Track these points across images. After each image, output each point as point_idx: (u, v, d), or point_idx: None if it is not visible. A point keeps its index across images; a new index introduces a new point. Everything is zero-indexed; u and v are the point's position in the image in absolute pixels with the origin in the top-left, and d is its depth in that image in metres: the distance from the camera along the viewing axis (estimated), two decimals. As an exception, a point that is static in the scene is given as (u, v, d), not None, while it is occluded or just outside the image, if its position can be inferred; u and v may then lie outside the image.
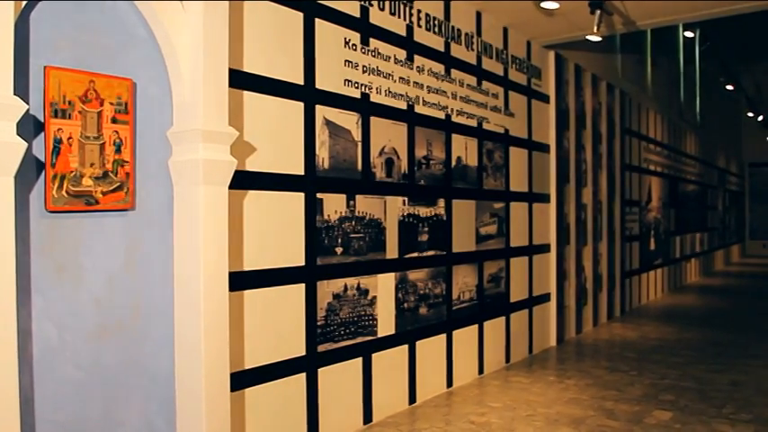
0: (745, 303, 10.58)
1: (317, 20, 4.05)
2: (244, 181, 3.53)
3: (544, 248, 6.94)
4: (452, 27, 5.41)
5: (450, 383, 5.35)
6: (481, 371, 5.80)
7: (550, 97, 7.07)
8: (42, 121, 2.59)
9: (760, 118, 18.17)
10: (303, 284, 3.93)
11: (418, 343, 4.96)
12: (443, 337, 5.27)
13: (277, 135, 3.78)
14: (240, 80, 3.51)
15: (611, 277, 8.71)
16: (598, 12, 5.47)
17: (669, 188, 12.10)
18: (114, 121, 2.81)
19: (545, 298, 6.97)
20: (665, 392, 5.19)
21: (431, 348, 5.11)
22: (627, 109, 9.55)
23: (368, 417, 4.44)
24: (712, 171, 16.38)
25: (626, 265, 9.42)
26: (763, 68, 21.23)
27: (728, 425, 4.39)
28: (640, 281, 10.25)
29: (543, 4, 5.45)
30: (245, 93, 3.57)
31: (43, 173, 2.59)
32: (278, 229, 3.77)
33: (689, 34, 12.93)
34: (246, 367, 3.56)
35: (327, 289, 4.11)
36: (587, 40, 6.82)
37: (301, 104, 3.93)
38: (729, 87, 15.57)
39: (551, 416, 4.61)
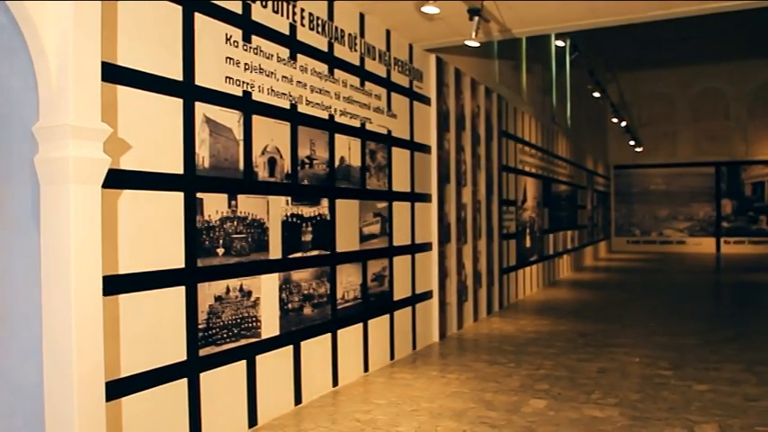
0: (611, 295, 11.31)
1: (196, 14, 3.94)
2: (118, 180, 3.37)
3: (426, 247, 7.10)
4: (336, 27, 5.43)
5: (335, 383, 5.36)
6: (366, 369, 5.85)
7: (431, 99, 7.25)
8: None
9: (623, 123, 19.46)
10: (183, 287, 3.81)
11: (303, 343, 4.93)
12: (328, 336, 5.28)
13: (154, 132, 3.64)
14: (114, 74, 3.36)
15: (489, 274, 9.05)
16: (476, 18, 5.66)
17: (543, 188, 12.72)
18: (-29, 114, 2.61)
19: (427, 295, 7.14)
20: (540, 382, 5.46)
21: (316, 348, 5.10)
22: (504, 112, 9.95)
23: (252, 420, 4.37)
24: (582, 172, 17.38)
25: (503, 262, 9.82)
26: (627, 78, 22.83)
27: (597, 409, 4.68)
28: (517, 277, 10.72)
29: (424, 9, 5.58)
30: (120, 87, 3.41)
31: None
32: (156, 230, 3.64)
33: (560, 43, 13.65)
34: (123, 375, 3.41)
35: (209, 291, 4.00)
36: (466, 45, 7.04)
37: (180, 101, 3.81)
38: (596, 94, 16.57)
39: (434, 410, 4.73)
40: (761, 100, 21.96)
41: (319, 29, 5.21)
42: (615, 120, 19.43)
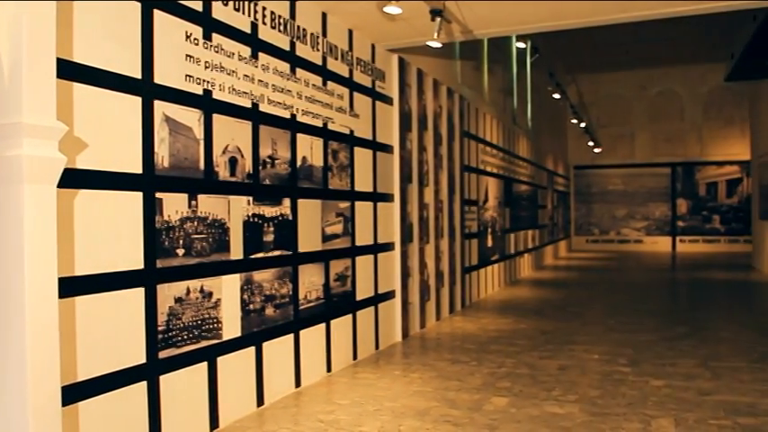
0: (571, 294, 11.49)
1: (156, 11, 3.88)
2: (74, 179, 3.30)
3: (388, 247, 7.12)
4: (298, 26, 5.40)
5: (298, 383, 5.34)
6: (329, 369, 5.84)
7: (394, 100, 7.26)
8: None
9: (583, 125, 19.78)
10: (142, 288, 3.75)
11: (265, 344, 4.90)
12: (291, 337, 5.25)
13: (112, 131, 3.57)
14: (70, 71, 3.28)
15: (452, 273, 9.11)
16: (438, 19, 5.70)
17: (504, 188, 12.85)
18: None
19: (390, 295, 7.15)
20: (502, 380, 5.51)
21: (278, 349, 5.07)
22: (465, 113, 10.02)
23: (214, 423, 4.32)
24: (542, 173, 17.61)
25: (465, 261, 9.89)
26: (586, 80, 23.21)
27: (557, 406, 4.75)
28: (479, 276, 10.81)
29: (386, 9, 5.59)
30: (76, 85, 3.34)
31: None
32: (113, 231, 3.57)
33: (521, 45, 13.82)
34: (80, 379, 3.34)
35: (169, 292, 3.95)
36: (428, 45, 7.08)
37: (139, 99, 3.75)
38: (556, 96, 16.81)
39: (397, 409, 4.74)
40: (714, 102, 22.56)
41: (281, 28, 5.18)
42: (575, 121, 19.76)
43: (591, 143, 22.14)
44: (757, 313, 9.12)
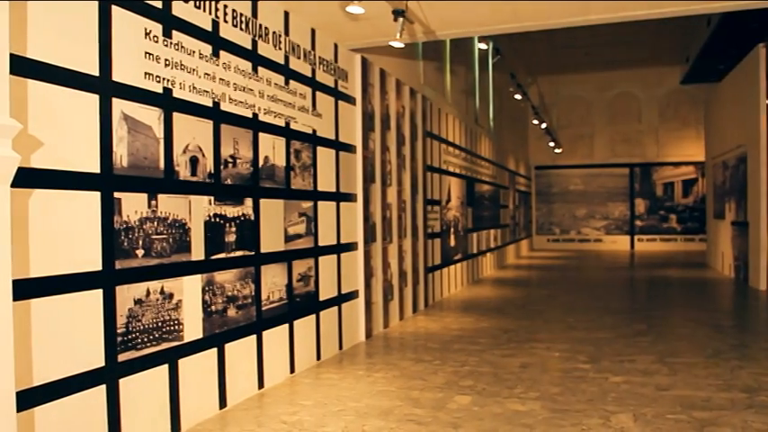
0: (533, 292, 11.63)
1: (113, 7, 3.80)
2: (29, 179, 3.21)
3: (351, 247, 7.11)
4: (260, 25, 5.36)
5: (261, 385, 5.29)
6: (293, 370, 5.81)
7: (356, 99, 7.26)
8: None
9: (543, 125, 20.04)
10: (101, 290, 3.68)
11: (227, 346, 4.85)
12: (253, 338, 5.21)
13: (68, 129, 3.49)
14: (23, 67, 3.19)
15: (415, 273, 9.14)
16: (401, 20, 5.71)
17: (467, 188, 12.95)
18: None
19: (353, 295, 7.14)
20: (465, 378, 5.55)
21: (241, 350, 5.02)
22: (428, 113, 10.06)
23: (175, 426, 4.25)
24: (504, 173, 17.79)
25: (428, 260, 9.94)
26: (546, 81, 23.53)
27: (519, 403, 4.80)
28: (442, 275, 10.87)
29: (348, 9, 5.58)
30: (30, 81, 3.26)
31: None
32: (70, 231, 3.49)
33: (483, 46, 13.93)
34: (36, 384, 3.25)
35: (128, 294, 3.87)
36: (391, 45, 7.09)
37: (96, 97, 3.67)
38: (518, 97, 16.99)
39: (361, 409, 4.74)
40: (671, 105, 23.10)
41: (243, 26, 5.13)
42: (536, 122, 20.02)
43: (552, 144, 22.46)
44: (711, 310, 9.36)
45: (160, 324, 4.13)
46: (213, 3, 4.75)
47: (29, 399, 3.19)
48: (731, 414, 4.48)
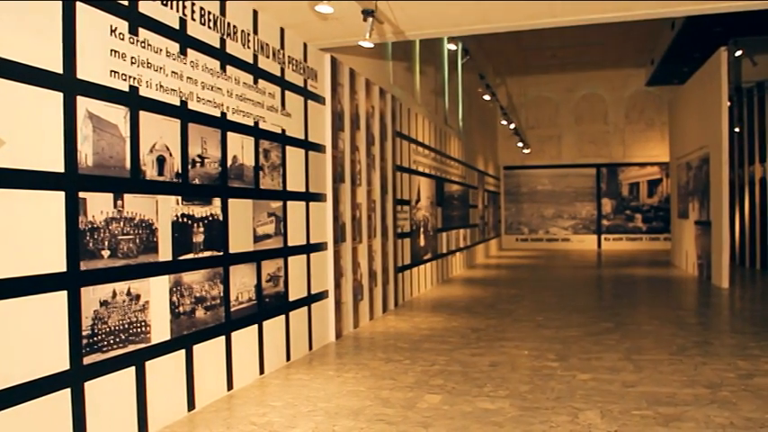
0: (502, 291, 11.71)
1: (78, 3, 3.73)
2: (-10, 178, 3.15)
3: (321, 247, 7.09)
4: (228, 23, 5.31)
5: (230, 386, 5.25)
6: (262, 371, 5.77)
7: (326, 99, 7.24)
8: None
9: (512, 126, 20.21)
10: (65, 292, 3.61)
11: (196, 347, 4.79)
12: (222, 339, 5.16)
13: (31, 128, 3.42)
14: (-16, 65, 3.13)
15: (384, 273, 9.14)
16: (370, 19, 5.71)
17: (436, 188, 13.00)
18: None
19: (323, 295, 7.12)
20: (435, 378, 5.57)
21: (209, 352, 4.97)
22: (398, 113, 10.08)
23: (143, 429, 4.19)
24: (473, 173, 17.90)
25: (398, 260, 9.95)
26: (515, 82, 23.74)
27: (489, 402, 4.83)
28: (411, 275, 10.90)
29: (317, 8, 5.55)
30: (-9, 79, 3.19)
31: None
32: (33, 232, 3.42)
33: (452, 47, 14.00)
34: (-3, 387, 3.19)
35: (93, 296, 3.81)
36: (360, 45, 7.09)
37: (60, 95, 3.60)
38: (487, 98, 17.10)
39: (331, 409, 4.72)
40: (636, 106, 23.48)
41: (211, 24, 5.08)
42: (504, 122, 20.18)
43: (520, 144, 22.67)
44: (676, 308, 9.53)
45: (127, 326, 4.07)
46: (181, 1, 4.69)
47: (-10, 403, 3.12)
48: (695, 409, 4.57)
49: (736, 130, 16.02)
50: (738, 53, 13.48)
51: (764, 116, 14.81)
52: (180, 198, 4.64)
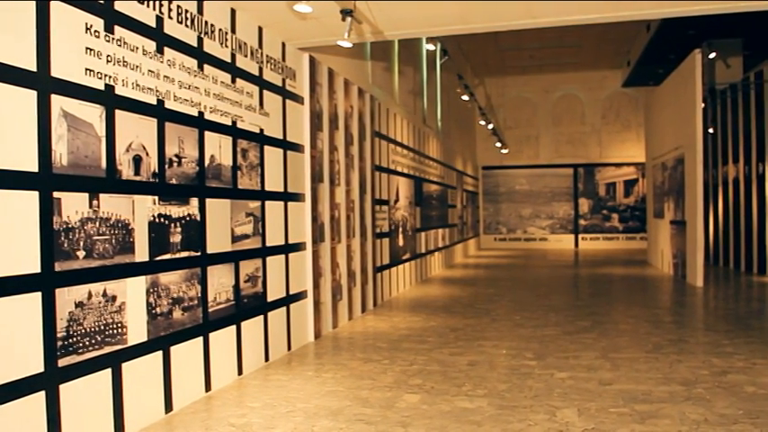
0: (480, 291, 11.77)
1: (52, 2, 3.68)
2: (-38, 178, 3.09)
3: (299, 247, 7.06)
4: (206, 22, 5.27)
5: (208, 387, 5.21)
6: (240, 372, 5.73)
7: (304, 99, 7.21)
8: None
9: (490, 126, 20.30)
10: (39, 293, 3.55)
11: (173, 348, 4.75)
12: (200, 340, 5.12)
13: (3, 126, 3.36)
14: (-44, 63, 3.07)
15: (363, 273, 9.14)
16: (349, 19, 5.69)
17: (415, 188, 13.02)
18: None
19: (302, 295, 7.10)
20: (414, 377, 5.58)
21: (187, 353, 4.93)
22: (376, 113, 10.08)
23: (119, 431, 4.14)
24: (452, 173, 17.96)
25: (377, 260, 9.95)
26: (493, 82, 23.85)
27: (468, 401, 4.85)
28: (390, 275, 10.90)
29: (296, 7, 5.53)
30: (-37, 77, 3.13)
31: None
32: (6, 232, 3.36)
33: (431, 47, 14.02)
34: (-31, 390, 3.13)
35: (68, 297, 3.76)
36: (339, 45, 7.07)
37: (34, 93, 3.55)
38: (465, 98, 17.16)
39: (310, 410, 4.71)
40: (613, 107, 23.74)
41: (188, 23, 5.03)
42: (483, 122, 20.25)
43: (498, 144, 22.79)
44: (651, 306, 9.64)
45: (103, 327, 4.03)
46: (157, -2, 4.65)
47: (-38, 407, 3.07)
48: (670, 406, 4.63)
49: (711, 131, 16.25)
50: (712, 55, 13.67)
51: (738, 117, 15.05)
52: (157, 198, 4.60)
